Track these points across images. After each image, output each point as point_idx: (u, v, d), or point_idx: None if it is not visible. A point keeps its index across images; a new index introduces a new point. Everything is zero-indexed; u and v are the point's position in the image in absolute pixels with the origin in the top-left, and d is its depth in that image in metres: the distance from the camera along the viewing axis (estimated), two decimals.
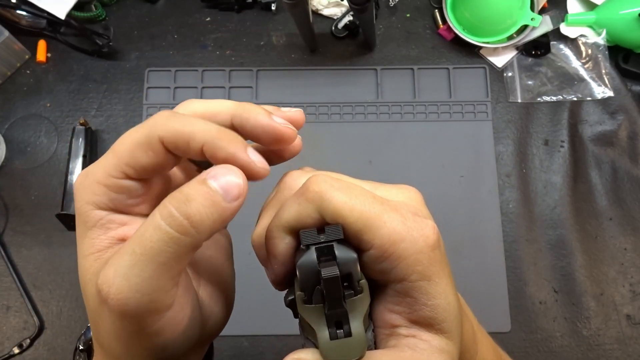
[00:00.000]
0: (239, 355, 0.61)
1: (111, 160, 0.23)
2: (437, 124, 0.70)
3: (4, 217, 0.66)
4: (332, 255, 0.20)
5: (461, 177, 0.68)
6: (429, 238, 0.21)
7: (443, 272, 0.22)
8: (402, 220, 0.21)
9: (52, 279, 0.64)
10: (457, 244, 0.65)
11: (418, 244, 0.21)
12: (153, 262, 0.20)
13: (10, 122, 0.70)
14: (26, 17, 0.70)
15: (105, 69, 0.72)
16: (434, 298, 0.21)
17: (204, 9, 0.75)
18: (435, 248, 0.21)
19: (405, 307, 0.21)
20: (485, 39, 0.71)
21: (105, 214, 0.23)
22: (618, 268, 0.65)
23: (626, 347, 0.62)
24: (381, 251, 0.21)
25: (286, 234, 0.22)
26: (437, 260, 0.21)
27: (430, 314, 0.21)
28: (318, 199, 0.21)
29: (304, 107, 0.70)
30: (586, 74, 0.72)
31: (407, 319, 0.22)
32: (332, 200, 0.21)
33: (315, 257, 0.20)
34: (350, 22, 0.73)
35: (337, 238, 0.20)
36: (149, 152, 0.22)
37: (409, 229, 0.21)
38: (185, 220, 0.20)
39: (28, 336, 0.61)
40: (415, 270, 0.21)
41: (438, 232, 0.22)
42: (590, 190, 0.68)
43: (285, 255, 0.22)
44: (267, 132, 0.24)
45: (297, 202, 0.22)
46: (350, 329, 0.20)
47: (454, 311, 0.22)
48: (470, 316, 0.28)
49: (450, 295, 0.22)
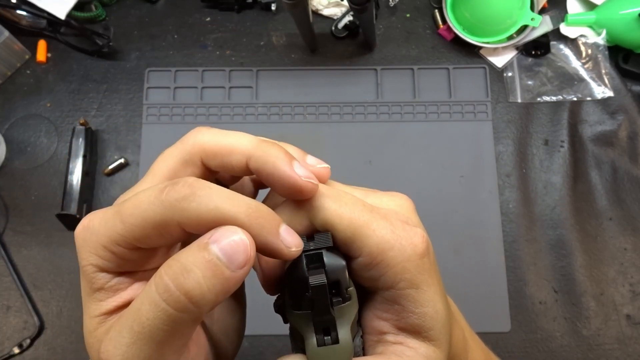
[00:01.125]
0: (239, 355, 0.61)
1: (119, 230, 0.20)
2: (437, 124, 0.70)
3: (4, 217, 0.66)
4: (320, 262, 0.20)
5: (461, 177, 0.68)
6: (417, 247, 0.21)
7: (432, 280, 0.22)
8: (391, 229, 0.21)
9: (52, 279, 0.64)
10: (457, 244, 0.65)
11: (406, 252, 0.21)
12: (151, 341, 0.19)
13: (10, 122, 0.70)
14: (26, 17, 0.70)
15: (105, 69, 0.72)
16: (422, 306, 0.21)
17: (204, 9, 0.75)
18: (423, 256, 0.21)
19: (393, 314, 0.22)
20: (485, 39, 0.71)
21: (111, 277, 0.22)
22: (618, 268, 0.65)
23: (626, 347, 0.62)
24: (370, 259, 0.21)
25: None
26: (425, 268, 0.21)
27: (418, 322, 0.21)
28: (308, 206, 0.21)
29: (304, 107, 0.70)
30: (586, 74, 0.72)
31: (395, 326, 0.22)
32: (321, 207, 0.21)
33: (305, 265, 0.20)
34: (350, 22, 0.73)
35: (326, 246, 0.21)
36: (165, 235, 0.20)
37: (397, 237, 0.21)
38: (183, 296, 0.18)
39: (28, 336, 0.61)
40: (403, 278, 0.21)
41: (427, 240, 0.22)
42: (590, 190, 0.68)
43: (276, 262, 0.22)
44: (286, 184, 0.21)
45: (287, 209, 0.22)
46: (337, 335, 0.20)
47: (441, 319, 0.22)
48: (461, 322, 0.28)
49: (438, 303, 0.22)
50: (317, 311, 0.20)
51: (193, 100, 0.70)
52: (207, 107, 0.70)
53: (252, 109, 0.70)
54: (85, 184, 0.65)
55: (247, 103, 0.70)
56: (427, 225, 0.24)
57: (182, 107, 0.70)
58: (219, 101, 0.70)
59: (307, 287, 0.20)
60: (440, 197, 0.67)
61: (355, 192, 0.23)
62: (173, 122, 0.70)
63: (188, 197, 0.19)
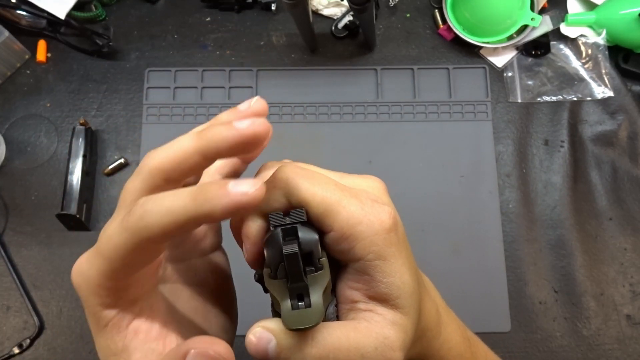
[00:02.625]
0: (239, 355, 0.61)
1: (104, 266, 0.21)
2: (437, 124, 0.70)
3: (4, 217, 0.66)
4: (295, 235, 0.22)
5: (461, 177, 0.68)
6: (384, 222, 0.23)
7: (399, 254, 0.23)
8: (360, 206, 0.23)
9: (52, 279, 0.64)
10: (457, 244, 0.65)
11: (374, 227, 0.23)
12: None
13: (10, 122, 0.70)
14: (26, 17, 0.70)
15: (105, 69, 0.72)
16: (389, 276, 0.23)
17: (204, 9, 0.75)
18: (390, 231, 0.23)
19: (364, 284, 0.23)
20: (485, 39, 0.71)
21: (115, 313, 0.23)
22: (618, 268, 0.65)
23: (626, 347, 0.62)
24: (341, 233, 0.23)
25: (257, 217, 0.24)
26: (392, 242, 0.23)
27: (385, 290, 0.23)
28: (285, 185, 0.23)
29: (304, 107, 0.70)
30: (586, 74, 0.72)
31: (365, 295, 0.24)
32: (296, 186, 0.23)
33: (281, 237, 0.22)
34: (350, 22, 0.73)
35: (300, 220, 0.23)
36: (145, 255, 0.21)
37: (366, 214, 0.23)
38: None
39: (28, 336, 0.61)
40: (371, 251, 0.23)
41: (395, 217, 0.24)
42: (590, 190, 0.68)
43: (256, 236, 0.24)
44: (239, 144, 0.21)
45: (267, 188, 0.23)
46: (310, 301, 0.22)
47: (408, 289, 0.23)
48: (436, 299, 0.30)
49: (405, 274, 0.23)
50: (292, 278, 0.22)
51: (193, 100, 0.70)
52: (207, 107, 0.70)
53: None
54: (85, 184, 0.65)
55: None
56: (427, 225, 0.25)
57: (182, 107, 0.70)
58: (219, 101, 0.70)
59: (282, 256, 0.22)
60: (440, 197, 0.67)
61: (331, 175, 0.25)
62: (173, 122, 0.70)
63: (143, 216, 0.20)
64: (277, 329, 0.22)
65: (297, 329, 0.22)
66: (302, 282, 0.22)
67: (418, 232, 0.65)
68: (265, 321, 0.23)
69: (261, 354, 0.22)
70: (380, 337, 0.23)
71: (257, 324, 0.23)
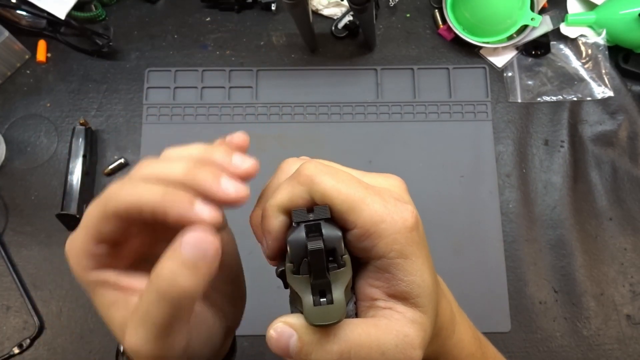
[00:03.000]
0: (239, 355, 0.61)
1: (82, 234, 0.24)
2: (437, 124, 0.70)
3: (4, 217, 0.66)
4: (319, 232, 0.22)
5: (461, 177, 0.68)
6: (407, 220, 0.23)
7: (420, 252, 0.24)
8: (383, 204, 0.23)
9: (52, 279, 0.64)
10: (457, 244, 0.65)
11: (397, 225, 0.23)
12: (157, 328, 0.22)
13: (10, 122, 0.70)
14: (26, 17, 0.70)
15: (105, 69, 0.72)
16: (410, 275, 0.23)
17: (204, 9, 0.75)
18: (412, 230, 0.23)
19: (384, 282, 0.24)
20: (485, 39, 0.71)
21: (100, 273, 0.25)
22: (618, 268, 0.65)
23: (626, 347, 0.62)
24: (363, 230, 0.23)
25: (280, 213, 0.24)
26: (414, 241, 0.23)
27: (406, 289, 0.23)
28: (309, 182, 0.23)
29: (304, 107, 0.70)
30: (586, 74, 0.72)
31: (385, 293, 0.24)
32: (320, 183, 0.23)
33: (304, 233, 0.22)
34: (350, 22, 0.73)
35: (324, 217, 0.23)
36: (109, 225, 0.24)
37: (389, 212, 0.23)
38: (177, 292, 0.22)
39: (28, 336, 0.61)
40: (394, 249, 0.23)
41: (417, 216, 0.24)
42: (590, 190, 0.68)
43: (278, 232, 0.24)
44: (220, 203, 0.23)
45: (290, 184, 0.24)
46: (332, 297, 0.22)
47: (428, 288, 0.24)
48: (450, 299, 0.30)
49: (425, 273, 0.24)
50: (315, 275, 0.22)
51: (193, 100, 0.70)
52: (207, 107, 0.70)
53: (252, 109, 0.70)
54: (85, 184, 0.65)
55: (247, 103, 0.70)
56: (427, 225, 0.25)
57: (182, 107, 0.70)
58: (219, 101, 0.70)
59: (306, 252, 0.22)
60: (440, 197, 0.67)
61: (353, 172, 0.26)
62: (173, 122, 0.70)
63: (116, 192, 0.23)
64: (299, 325, 0.23)
65: (319, 324, 0.22)
66: (325, 279, 0.22)
67: None
68: (286, 317, 0.23)
69: (282, 349, 0.23)
70: (400, 335, 0.23)
71: (278, 320, 0.23)
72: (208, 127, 0.69)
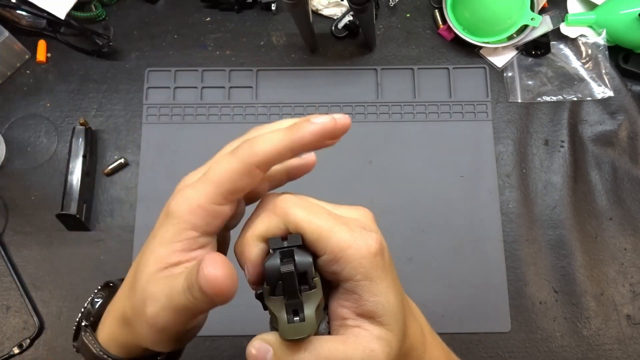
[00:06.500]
0: (239, 355, 0.61)
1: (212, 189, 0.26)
2: (437, 124, 0.70)
3: (4, 217, 0.66)
4: (292, 257, 0.25)
5: (461, 177, 0.68)
6: (371, 246, 0.26)
7: (385, 275, 0.26)
8: (349, 232, 0.26)
9: (52, 279, 0.64)
10: (457, 244, 0.65)
11: (362, 251, 0.25)
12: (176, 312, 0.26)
13: (10, 122, 0.70)
14: (26, 17, 0.70)
15: (105, 69, 0.72)
16: (375, 295, 0.26)
17: (204, 9, 0.75)
18: (377, 255, 0.26)
19: (353, 302, 0.26)
20: (485, 39, 0.71)
21: (196, 235, 0.27)
22: (618, 268, 0.65)
23: (626, 347, 0.62)
24: (332, 255, 0.25)
25: (259, 242, 0.27)
26: (378, 265, 0.26)
27: (372, 308, 0.26)
28: (284, 213, 0.26)
29: (303, 107, 0.70)
30: (586, 74, 0.72)
31: (354, 312, 0.26)
32: (293, 214, 0.26)
33: (279, 259, 0.25)
34: (350, 22, 0.73)
35: (296, 244, 0.25)
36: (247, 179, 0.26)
37: (354, 239, 0.26)
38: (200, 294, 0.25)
39: (28, 336, 0.61)
40: (359, 272, 0.25)
41: (382, 242, 0.26)
42: (590, 190, 0.68)
43: (257, 258, 0.27)
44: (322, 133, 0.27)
45: (267, 216, 0.27)
46: (304, 315, 0.25)
47: (393, 308, 0.26)
48: (421, 321, 0.32)
49: (390, 294, 0.26)
50: (288, 295, 0.25)
51: (193, 100, 0.70)
52: (207, 107, 0.70)
53: (252, 109, 0.70)
54: (85, 184, 0.65)
55: (247, 103, 0.70)
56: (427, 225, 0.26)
57: (182, 107, 0.70)
58: (219, 101, 0.70)
59: (280, 275, 0.25)
60: (440, 197, 0.67)
61: (325, 205, 0.28)
62: (173, 122, 0.70)
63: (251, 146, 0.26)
64: (274, 341, 0.25)
65: (292, 339, 0.24)
66: (297, 299, 0.25)
67: (418, 232, 0.65)
68: (263, 334, 0.26)
69: None
70: (367, 350, 0.25)
71: (256, 337, 0.25)
72: (208, 127, 0.69)
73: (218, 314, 0.63)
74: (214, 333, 0.62)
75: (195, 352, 0.61)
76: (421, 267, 0.64)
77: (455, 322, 0.63)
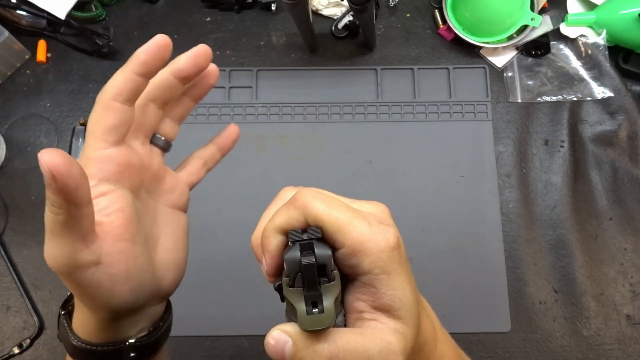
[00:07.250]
0: (239, 355, 0.61)
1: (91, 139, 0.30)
2: (437, 124, 0.70)
3: (4, 217, 0.66)
4: (312, 250, 0.25)
5: (461, 177, 0.68)
6: (389, 241, 0.26)
7: (401, 270, 0.26)
8: (368, 226, 0.26)
9: (52, 279, 0.64)
10: (457, 244, 0.65)
11: (380, 245, 0.26)
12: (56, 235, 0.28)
13: (10, 122, 0.70)
14: (26, 17, 0.70)
15: (105, 69, 0.72)
16: (392, 289, 0.26)
17: (204, 9, 0.75)
18: (394, 249, 0.26)
19: (370, 295, 0.26)
20: (485, 39, 0.71)
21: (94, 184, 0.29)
22: (618, 268, 0.65)
23: (626, 347, 0.62)
24: (351, 249, 0.26)
25: (278, 234, 0.27)
26: (396, 259, 0.26)
27: (389, 302, 0.26)
28: (304, 206, 0.26)
29: (304, 107, 0.70)
30: (586, 74, 0.72)
31: (370, 306, 0.27)
32: (314, 207, 0.26)
33: (299, 251, 0.25)
34: (350, 22, 0.73)
35: (316, 237, 0.26)
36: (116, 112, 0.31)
37: (373, 233, 0.26)
38: None
39: (28, 336, 0.61)
40: (377, 265, 0.26)
41: (399, 237, 0.27)
42: (590, 190, 0.68)
43: (276, 251, 0.27)
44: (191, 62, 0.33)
45: (287, 209, 0.27)
46: (323, 307, 0.25)
47: (409, 302, 0.26)
48: (432, 317, 0.33)
49: (406, 289, 0.26)
50: (308, 287, 0.25)
51: None
52: (207, 107, 0.70)
53: (252, 109, 0.70)
54: None
55: (247, 103, 0.70)
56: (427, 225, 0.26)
57: None
58: (219, 101, 0.70)
59: (300, 267, 0.25)
60: (440, 197, 0.67)
61: (343, 199, 0.29)
62: None
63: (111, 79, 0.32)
64: (293, 332, 0.25)
65: (311, 330, 0.25)
66: (316, 291, 0.25)
67: (418, 232, 0.65)
68: (282, 325, 0.26)
69: (279, 353, 0.25)
70: (384, 342, 0.26)
71: (274, 328, 0.26)
72: (208, 127, 0.69)
73: (218, 314, 0.63)
74: (214, 333, 0.62)
75: (195, 352, 0.61)
76: (421, 267, 0.64)
77: (455, 322, 0.63)
